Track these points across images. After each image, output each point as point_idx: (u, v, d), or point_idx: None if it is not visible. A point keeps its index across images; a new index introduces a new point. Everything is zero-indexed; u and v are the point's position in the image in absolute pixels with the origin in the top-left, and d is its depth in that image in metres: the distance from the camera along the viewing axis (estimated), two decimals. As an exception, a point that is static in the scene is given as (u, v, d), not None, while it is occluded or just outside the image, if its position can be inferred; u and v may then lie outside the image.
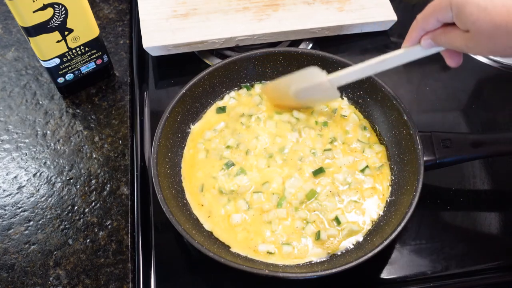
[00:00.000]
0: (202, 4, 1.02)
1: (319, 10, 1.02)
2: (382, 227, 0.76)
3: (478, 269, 0.77)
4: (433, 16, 0.61)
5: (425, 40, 0.65)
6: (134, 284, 0.75)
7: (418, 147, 0.77)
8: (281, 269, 0.73)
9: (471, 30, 0.56)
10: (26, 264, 0.76)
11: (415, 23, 0.65)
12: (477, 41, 0.57)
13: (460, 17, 0.57)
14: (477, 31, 0.56)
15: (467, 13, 0.55)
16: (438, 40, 0.63)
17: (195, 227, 0.77)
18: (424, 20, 0.63)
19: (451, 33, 0.60)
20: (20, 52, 1.01)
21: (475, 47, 0.58)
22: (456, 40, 0.60)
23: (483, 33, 0.55)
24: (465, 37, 0.58)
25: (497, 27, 0.53)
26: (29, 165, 0.86)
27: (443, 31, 0.62)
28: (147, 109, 0.95)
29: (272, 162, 0.83)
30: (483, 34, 0.55)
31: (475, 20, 0.55)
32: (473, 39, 0.57)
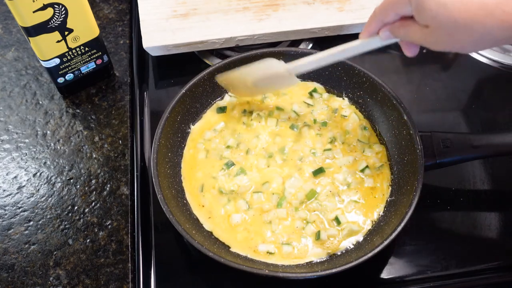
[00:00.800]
0: (202, 4, 1.02)
1: (319, 10, 1.02)
2: (382, 227, 0.76)
3: (478, 269, 0.77)
4: (392, 9, 0.61)
5: (384, 32, 0.65)
6: (134, 284, 0.75)
7: (418, 147, 0.77)
8: (281, 269, 0.73)
9: (431, 25, 0.56)
10: (26, 264, 0.76)
11: (373, 15, 0.65)
12: (436, 36, 0.57)
13: (419, 12, 0.57)
14: (436, 26, 0.56)
15: (426, 8, 0.55)
16: (396, 33, 0.63)
17: (195, 227, 0.77)
18: (383, 13, 0.63)
19: (409, 27, 0.60)
20: (20, 52, 1.01)
21: (434, 42, 0.58)
22: (415, 34, 0.60)
23: (442, 28, 0.55)
24: (424, 31, 0.58)
25: (456, 23, 0.53)
26: (29, 165, 0.86)
27: (402, 24, 0.61)
28: (147, 109, 0.95)
29: (272, 162, 0.83)
30: (442, 30, 0.55)
31: (435, 15, 0.55)
32: (432, 34, 0.57)
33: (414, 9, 0.57)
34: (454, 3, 0.53)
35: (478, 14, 0.52)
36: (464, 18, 0.53)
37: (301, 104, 0.90)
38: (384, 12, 0.63)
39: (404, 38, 0.63)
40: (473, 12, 0.52)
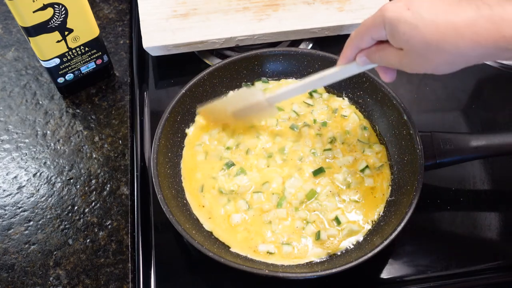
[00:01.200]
0: (202, 4, 1.02)
1: (319, 10, 1.02)
2: (382, 227, 0.76)
3: (478, 269, 0.77)
4: (367, 34, 0.61)
5: (360, 57, 0.65)
6: (134, 284, 0.75)
7: (418, 147, 0.77)
8: (281, 269, 0.73)
9: (405, 48, 0.57)
10: (26, 264, 0.76)
11: (349, 40, 0.65)
12: (410, 58, 0.57)
13: (393, 36, 0.57)
14: (410, 49, 0.56)
15: (400, 32, 0.55)
16: (372, 58, 0.63)
17: (195, 227, 0.77)
18: (359, 38, 0.63)
19: (385, 50, 0.60)
20: (20, 52, 1.01)
21: (409, 65, 0.58)
22: (390, 57, 0.60)
23: (416, 51, 0.56)
24: (399, 54, 0.58)
25: (428, 45, 0.54)
26: (29, 165, 0.86)
27: (377, 49, 0.62)
28: (147, 109, 0.95)
29: (272, 162, 0.83)
30: (416, 52, 0.56)
31: (408, 38, 0.55)
32: (406, 57, 0.57)
33: (388, 33, 0.58)
34: (426, 25, 0.53)
35: (450, 35, 0.53)
36: (436, 39, 0.53)
37: (301, 104, 0.90)
38: (359, 37, 0.63)
39: (380, 62, 0.63)
40: (445, 33, 0.53)
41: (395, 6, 0.56)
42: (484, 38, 0.51)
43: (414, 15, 0.54)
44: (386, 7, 0.57)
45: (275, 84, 0.93)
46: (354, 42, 0.64)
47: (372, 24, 0.60)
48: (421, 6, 0.54)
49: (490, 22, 0.51)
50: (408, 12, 0.55)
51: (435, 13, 0.53)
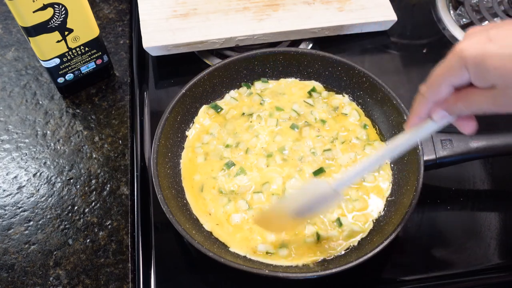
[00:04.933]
0: (202, 4, 1.02)
1: (319, 10, 1.02)
2: (382, 227, 0.76)
3: (478, 269, 0.77)
4: (445, 83, 0.53)
5: (438, 113, 0.55)
6: (134, 284, 0.75)
7: (418, 147, 0.77)
8: (281, 269, 0.73)
9: (499, 84, 0.49)
10: (26, 264, 0.76)
11: (420, 96, 0.56)
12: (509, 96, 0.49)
13: (481, 75, 0.49)
14: (507, 84, 0.48)
15: (489, 67, 0.48)
16: (454, 109, 0.54)
17: (195, 227, 0.77)
18: (433, 91, 0.54)
19: (470, 96, 0.52)
20: (20, 52, 1.01)
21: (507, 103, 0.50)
22: (480, 101, 0.51)
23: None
24: (491, 94, 0.50)
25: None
26: (29, 165, 0.86)
27: (458, 98, 0.53)
28: (147, 109, 0.95)
29: (271, 162, 0.83)
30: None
31: (502, 73, 0.47)
32: (503, 95, 0.49)
33: (474, 73, 0.50)
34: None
35: None
36: None
37: (301, 104, 0.90)
38: (434, 89, 0.54)
39: (466, 112, 0.54)
40: None
41: (473, 42, 0.49)
42: None
43: (502, 46, 0.47)
44: (462, 47, 0.49)
45: (275, 83, 0.93)
46: (428, 96, 0.55)
47: (449, 69, 0.51)
48: (505, 36, 0.48)
49: None
50: (492, 44, 0.48)
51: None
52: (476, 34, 0.50)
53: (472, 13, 1.05)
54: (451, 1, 1.10)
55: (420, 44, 1.06)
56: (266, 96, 0.91)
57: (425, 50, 1.05)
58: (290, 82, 0.93)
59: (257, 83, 0.93)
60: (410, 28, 1.08)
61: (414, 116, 0.58)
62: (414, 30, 1.08)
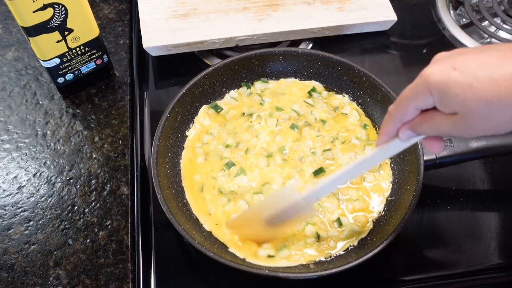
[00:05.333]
0: (202, 4, 1.02)
1: (319, 10, 1.02)
2: (382, 227, 0.76)
3: (478, 269, 0.77)
4: (410, 105, 0.55)
5: (404, 132, 0.58)
6: (134, 284, 0.75)
7: (418, 147, 0.77)
8: (281, 269, 0.73)
9: (460, 111, 0.51)
10: (26, 264, 0.76)
11: (388, 116, 0.59)
12: (468, 122, 0.51)
13: (444, 101, 0.51)
14: (467, 111, 0.50)
15: (451, 94, 0.49)
16: (419, 130, 0.57)
17: (195, 227, 0.77)
18: (400, 111, 0.57)
19: (434, 119, 0.54)
20: (20, 52, 1.01)
21: (466, 129, 0.52)
22: (442, 125, 0.53)
23: (475, 112, 0.49)
24: (452, 120, 0.52)
25: (489, 104, 0.48)
26: (29, 165, 0.86)
27: (423, 119, 0.55)
28: (147, 109, 0.95)
29: (271, 162, 0.83)
30: (474, 114, 0.50)
31: (462, 100, 0.49)
32: (463, 121, 0.51)
33: (437, 99, 0.51)
34: (481, 82, 0.48)
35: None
36: (497, 95, 0.48)
37: (301, 104, 0.90)
38: (401, 110, 0.56)
39: (429, 133, 0.57)
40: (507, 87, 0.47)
41: (439, 69, 0.51)
42: None
43: (465, 74, 0.49)
44: (428, 72, 0.51)
45: (275, 83, 0.93)
46: (395, 116, 0.57)
47: (414, 92, 0.54)
48: (470, 64, 0.49)
49: None
50: (456, 72, 0.49)
51: (489, 69, 0.48)
52: (443, 60, 0.51)
53: (472, 13, 1.05)
54: (451, 1, 1.10)
55: (420, 44, 1.06)
56: (266, 96, 0.91)
57: (425, 50, 1.05)
58: (290, 82, 0.93)
59: (257, 83, 0.93)
60: (410, 28, 1.08)
61: (383, 134, 0.60)
62: (414, 30, 1.08)
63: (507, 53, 0.49)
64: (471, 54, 0.51)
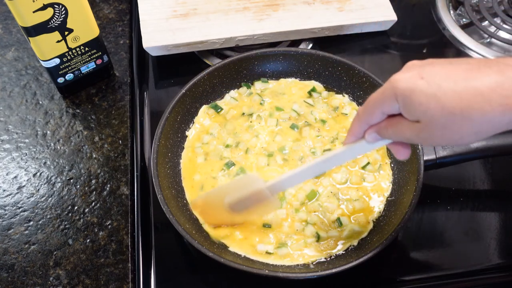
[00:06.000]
0: (202, 4, 1.02)
1: (319, 10, 1.02)
2: (382, 227, 0.76)
3: (478, 269, 0.77)
4: (377, 108, 0.56)
5: (370, 134, 0.58)
6: (134, 284, 0.75)
7: (418, 147, 0.77)
8: (281, 269, 0.73)
9: (422, 120, 0.51)
10: (26, 264, 0.76)
11: (356, 117, 0.59)
12: (430, 131, 0.52)
13: (408, 108, 0.52)
14: (429, 121, 0.51)
15: (415, 103, 0.50)
16: (384, 134, 0.57)
17: (195, 227, 0.77)
18: (367, 114, 0.57)
19: (398, 125, 0.54)
20: (20, 52, 1.01)
21: (428, 138, 0.53)
22: (406, 132, 0.54)
23: (436, 122, 0.50)
24: (415, 127, 0.53)
25: (451, 115, 0.49)
26: (29, 165, 0.86)
27: (389, 123, 0.56)
28: (147, 109, 0.95)
29: (272, 162, 0.83)
30: (436, 124, 0.51)
31: (425, 109, 0.50)
32: (425, 130, 0.52)
33: (402, 106, 0.52)
34: (445, 93, 0.49)
35: (474, 101, 0.48)
36: (459, 108, 0.48)
37: (301, 104, 0.90)
38: (368, 112, 0.57)
39: (394, 138, 0.57)
40: (469, 100, 0.48)
41: (407, 76, 0.51)
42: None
43: (430, 84, 0.49)
44: (397, 78, 0.52)
45: (275, 83, 0.93)
46: (362, 118, 0.58)
47: (382, 97, 0.54)
48: (436, 75, 0.50)
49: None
50: (422, 81, 0.50)
51: (454, 80, 0.49)
52: (413, 69, 0.52)
53: (472, 13, 1.05)
54: (451, 1, 1.10)
55: (420, 44, 1.06)
56: (266, 96, 0.91)
57: (425, 50, 1.05)
58: (290, 82, 0.93)
59: (257, 83, 0.93)
60: (410, 28, 1.08)
61: (350, 134, 0.61)
62: (414, 30, 1.08)
63: (474, 67, 0.49)
64: (440, 65, 0.51)
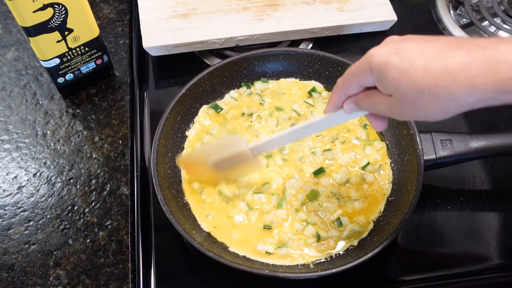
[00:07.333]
0: (202, 4, 1.02)
1: (319, 10, 1.02)
2: (382, 227, 0.76)
3: (478, 269, 0.77)
4: (354, 80, 0.58)
5: (348, 104, 0.61)
6: (134, 284, 0.75)
7: (418, 147, 0.77)
8: (281, 269, 0.73)
9: (394, 94, 0.53)
10: (26, 264, 0.76)
11: (336, 87, 0.62)
12: (400, 105, 0.54)
13: (381, 82, 0.54)
14: (400, 95, 0.53)
15: (388, 77, 0.52)
16: (360, 105, 0.59)
17: (195, 227, 0.77)
18: (345, 85, 0.60)
19: (373, 97, 0.57)
20: (20, 52, 1.01)
21: (399, 112, 0.55)
22: (379, 104, 0.56)
23: (406, 97, 0.52)
24: (388, 101, 0.55)
25: (420, 91, 0.51)
26: (29, 165, 0.86)
27: (366, 95, 0.58)
28: (147, 109, 0.95)
29: (271, 162, 0.83)
30: (406, 99, 0.52)
31: (397, 84, 0.52)
32: (396, 104, 0.54)
33: (376, 79, 0.54)
34: (417, 70, 0.50)
35: (443, 80, 0.49)
36: (428, 85, 0.50)
37: (301, 104, 0.90)
38: (346, 83, 0.59)
39: (369, 110, 0.60)
40: (438, 78, 0.50)
41: (383, 51, 0.53)
42: (480, 81, 0.49)
43: (404, 60, 0.51)
44: (373, 52, 0.54)
45: (275, 83, 0.93)
46: (341, 89, 0.61)
47: (359, 69, 0.56)
48: (411, 51, 0.52)
49: (485, 64, 0.49)
50: (396, 56, 0.52)
51: (426, 58, 0.51)
52: (390, 43, 0.54)
53: (472, 13, 1.05)
54: (451, 1, 1.10)
55: (420, 44, 1.06)
56: (266, 96, 0.91)
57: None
58: (290, 82, 0.93)
59: (257, 83, 0.93)
60: (410, 28, 1.08)
61: (330, 103, 0.63)
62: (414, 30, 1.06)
63: (446, 46, 0.51)
64: (416, 42, 0.53)
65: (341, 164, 0.83)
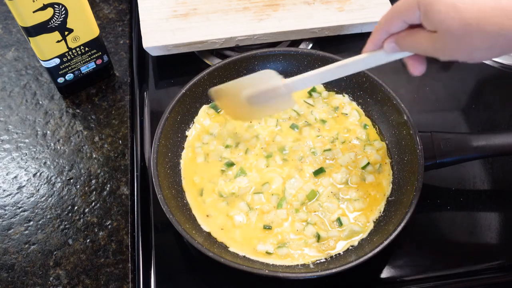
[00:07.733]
0: (202, 4, 1.02)
1: (319, 10, 1.02)
2: (382, 227, 0.76)
3: (478, 269, 0.77)
4: (398, 17, 0.56)
5: (389, 43, 0.60)
6: (134, 284, 0.75)
7: (418, 147, 0.77)
8: (281, 269, 0.73)
9: (439, 29, 0.52)
10: (26, 264, 0.76)
11: (378, 25, 0.60)
12: (445, 42, 0.52)
13: (427, 16, 0.52)
14: (445, 30, 0.51)
15: (435, 10, 0.51)
16: (402, 43, 0.58)
17: (195, 227, 0.77)
18: (389, 22, 0.58)
19: (417, 34, 0.55)
20: (20, 52, 1.01)
21: (442, 49, 0.54)
22: (423, 42, 0.55)
23: (452, 32, 0.51)
24: (432, 38, 0.54)
25: (467, 26, 0.49)
26: (29, 165, 0.86)
27: (408, 33, 0.57)
28: (147, 109, 0.95)
29: (271, 162, 0.83)
30: (452, 34, 0.51)
31: (444, 18, 0.51)
32: (440, 40, 0.53)
33: (423, 13, 0.53)
34: (465, 3, 0.49)
35: (493, 14, 0.48)
36: (477, 19, 0.49)
37: (301, 104, 0.90)
38: (390, 21, 0.58)
39: (411, 48, 0.58)
40: (487, 12, 0.48)
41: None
42: None
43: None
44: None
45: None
46: (384, 27, 0.59)
47: (405, 5, 0.55)
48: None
49: None
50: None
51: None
52: None
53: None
54: (451, 1, 1.10)
55: (420, 44, 1.06)
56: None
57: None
58: (290, 82, 0.93)
59: (257, 83, 0.93)
60: (410, 28, 1.08)
61: (370, 42, 0.62)
62: (414, 30, 1.08)
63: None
64: None
65: (341, 164, 0.83)
